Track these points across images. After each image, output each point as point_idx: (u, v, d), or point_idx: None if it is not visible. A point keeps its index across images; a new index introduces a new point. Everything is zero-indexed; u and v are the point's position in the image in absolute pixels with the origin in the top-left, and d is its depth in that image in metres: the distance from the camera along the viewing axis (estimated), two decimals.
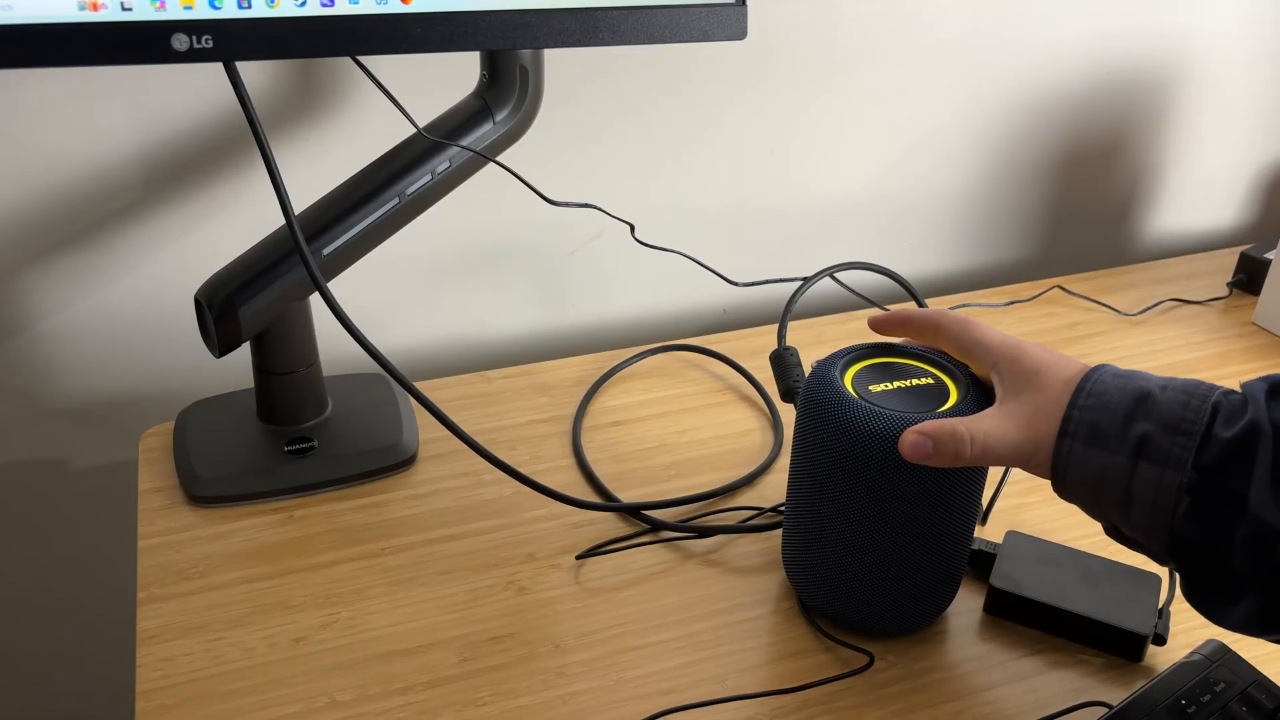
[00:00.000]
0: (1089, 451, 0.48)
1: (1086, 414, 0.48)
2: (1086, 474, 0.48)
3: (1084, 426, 0.48)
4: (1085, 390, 0.49)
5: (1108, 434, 0.47)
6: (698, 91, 0.88)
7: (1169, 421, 0.46)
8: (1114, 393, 0.48)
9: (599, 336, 0.96)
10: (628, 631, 0.61)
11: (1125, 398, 0.48)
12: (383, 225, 0.69)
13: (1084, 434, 0.48)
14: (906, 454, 0.52)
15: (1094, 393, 0.48)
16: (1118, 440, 0.47)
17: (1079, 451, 0.48)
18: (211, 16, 0.54)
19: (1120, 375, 0.49)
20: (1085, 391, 0.49)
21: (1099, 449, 0.47)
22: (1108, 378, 0.49)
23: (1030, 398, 0.50)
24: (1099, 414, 0.48)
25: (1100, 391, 0.48)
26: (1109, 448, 0.47)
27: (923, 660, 0.59)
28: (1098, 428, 0.48)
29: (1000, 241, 1.06)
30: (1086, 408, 0.48)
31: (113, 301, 0.81)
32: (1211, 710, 0.53)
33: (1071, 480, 0.49)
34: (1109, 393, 0.48)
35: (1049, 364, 0.51)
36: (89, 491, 0.88)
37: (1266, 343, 0.91)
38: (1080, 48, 0.98)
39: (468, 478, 0.73)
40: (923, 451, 0.51)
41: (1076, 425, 0.48)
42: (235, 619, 0.61)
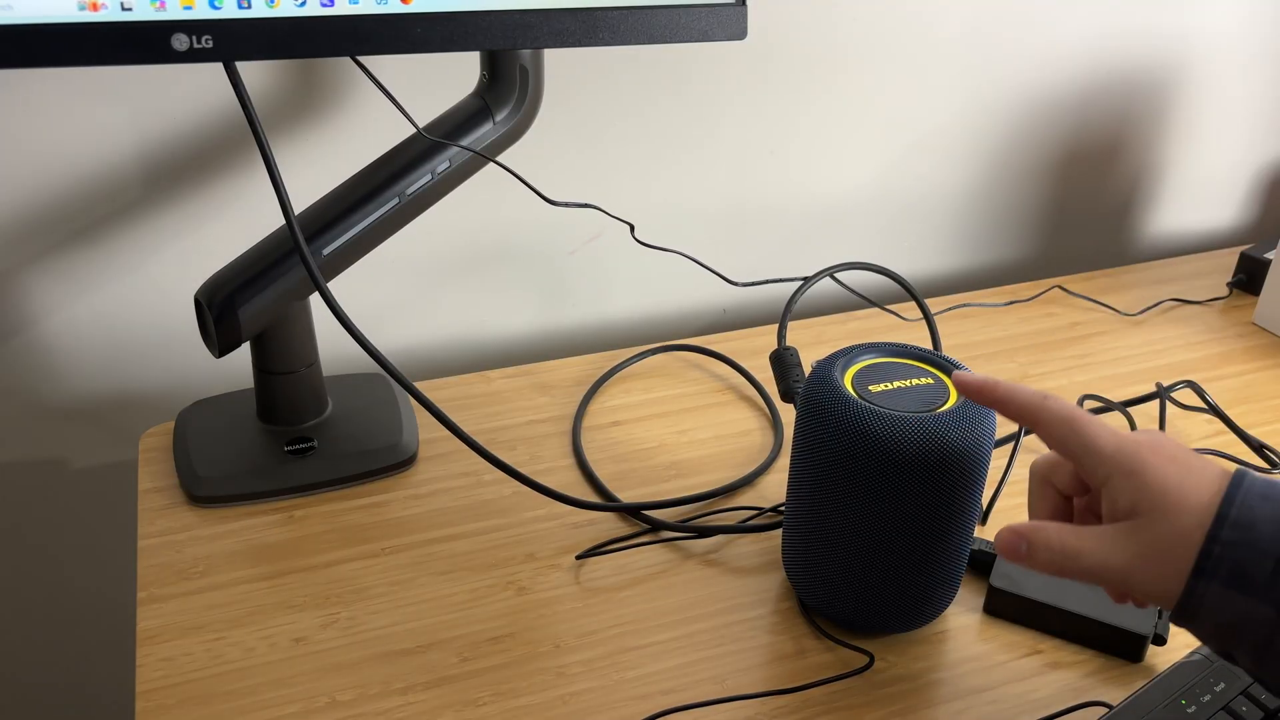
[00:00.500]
0: (1229, 595, 0.42)
1: (1229, 551, 0.41)
2: (1221, 617, 0.42)
3: (1225, 565, 0.42)
4: (1229, 520, 0.42)
5: (1254, 578, 0.41)
6: (698, 91, 0.88)
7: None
8: (1263, 525, 0.41)
9: (599, 336, 0.96)
10: (628, 631, 0.61)
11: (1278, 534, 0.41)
12: (383, 225, 0.69)
13: (1224, 574, 0.42)
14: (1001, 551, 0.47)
15: (1239, 524, 0.42)
16: (1266, 588, 0.41)
17: (1215, 593, 0.42)
18: (211, 16, 0.54)
19: (1268, 498, 0.42)
20: (1229, 521, 0.42)
21: (1241, 594, 0.41)
22: (1255, 501, 0.42)
23: (1151, 526, 0.43)
24: (1244, 552, 0.41)
25: (1246, 523, 0.42)
26: (1255, 594, 0.41)
27: (923, 660, 0.59)
28: (1242, 569, 0.41)
29: (1000, 241, 1.06)
30: (1229, 543, 0.42)
31: (113, 301, 0.81)
32: (1211, 710, 0.53)
33: (1202, 620, 0.43)
34: (1257, 525, 0.42)
35: (1176, 484, 0.43)
36: (89, 491, 0.88)
37: (1266, 343, 0.91)
38: (1080, 48, 0.98)
39: (468, 478, 0.73)
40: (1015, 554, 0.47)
41: (1216, 563, 0.42)
42: (235, 619, 0.61)
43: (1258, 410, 0.81)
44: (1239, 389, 0.84)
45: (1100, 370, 0.87)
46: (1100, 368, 0.87)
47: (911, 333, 0.91)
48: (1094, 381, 0.85)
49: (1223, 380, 0.85)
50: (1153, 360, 0.88)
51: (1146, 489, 0.44)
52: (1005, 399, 0.49)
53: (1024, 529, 0.47)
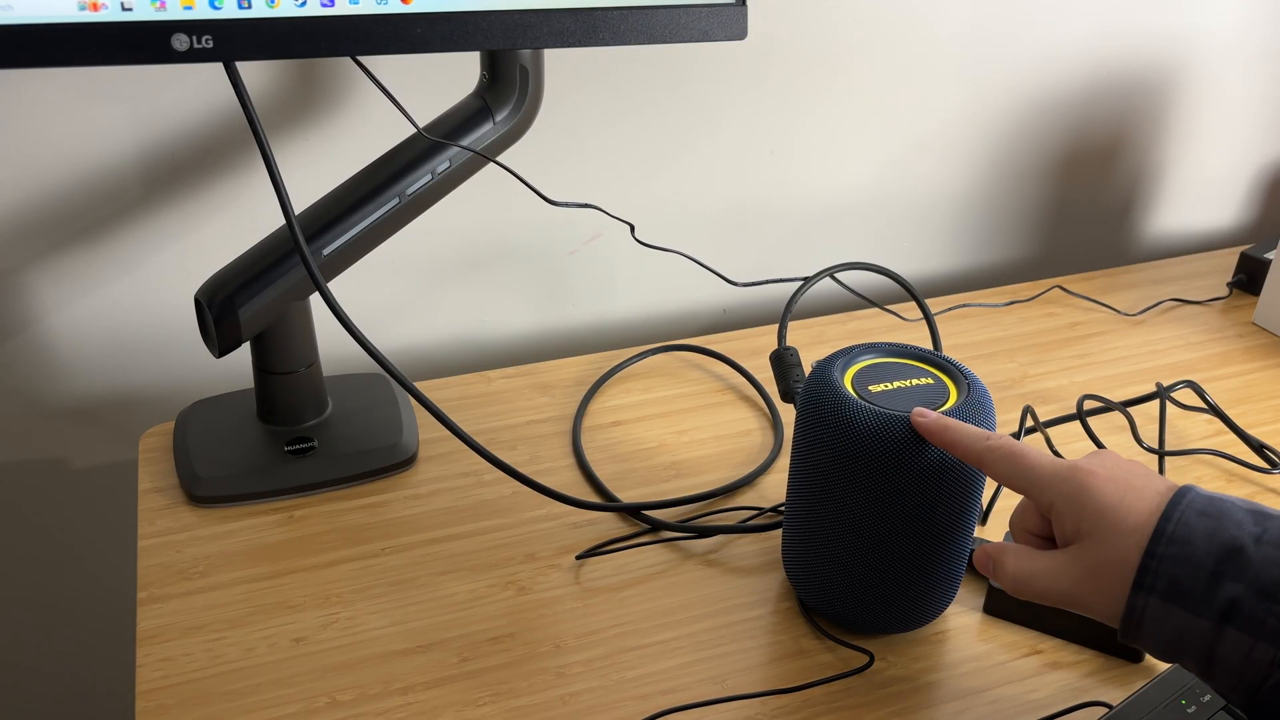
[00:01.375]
0: (1167, 608, 0.42)
1: (1167, 565, 0.42)
2: (1163, 631, 0.43)
3: (1162, 580, 0.42)
4: (1166, 535, 0.43)
5: (1191, 592, 0.42)
6: (698, 91, 0.88)
7: (1265, 586, 0.41)
8: (1200, 541, 0.42)
9: (599, 336, 0.96)
10: (628, 631, 0.61)
11: (1213, 549, 0.42)
12: (383, 225, 0.69)
13: (1162, 588, 0.42)
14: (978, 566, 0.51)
15: (1176, 538, 0.43)
16: (1202, 601, 0.42)
17: (1155, 607, 0.43)
18: (211, 16, 0.54)
19: (1207, 515, 0.43)
20: (1166, 537, 0.43)
21: (1179, 607, 0.42)
22: (1192, 518, 0.43)
23: (1092, 549, 0.45)
24: (1180, 568, 0.42)
25: (1184, 538, 0.42)
26: (1191, 608, 0.42)
27: (923, 660, 0.59)
28: (1178, 584, 0.42)
29: (1000, 241, 1.06)
30: (1167, 558, 0.42)
31: (113, 301, 0.81)
32: (1211, 710, 0.53)
33: (1145, 635, 0.44)
34: (1194, 540, 0.42)
35: (1113, 505, 0.44)
36: (89, 491, 0.88)
37: (1266, 343, 0.91)
38: (1080, 48, 0.98)
39: (468, 478, 0.73)
40: (987, 570, 0.50)
41: (1154, 578, 0.43)
42: (235, 619, 0.61)
43: (1258, 410, 0.81)
44: (1239, 389, 0.84)
45: (1100, 370, 0.87)
46: (1100, 368, 0.87)
47: (911, 333, 0.91)
48: (1094, 381, 0.85)
49: (1223, 380, 0.85)
50: (1153, 360, 0.88)
51: (1086, 511, 0.45)
52: (952, 442, 0.51)
53: (991, 550, 0.49)
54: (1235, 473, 0.74)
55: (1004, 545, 0.49)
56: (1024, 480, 0.48)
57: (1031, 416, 0.76)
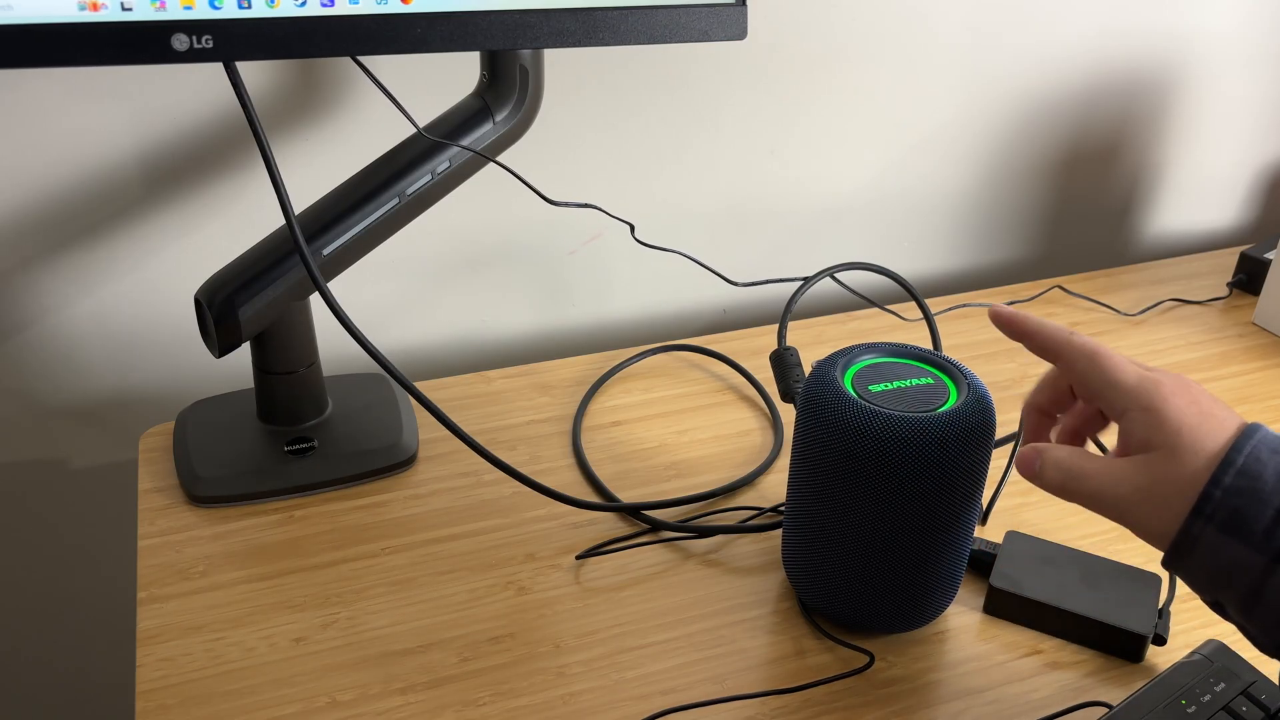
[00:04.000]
0: (1223, 540, 0.41)
1: (1231, 497, 0.41)
2: (1214, 561, 0.42)
3: (1224, 510, 0.41)
4: (1235, 467, 0.42)
5: (1253, 527, 0.41)
6: (698, 92, 0.88)
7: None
8: (1271, 478, 0.41)
9: (599, 336, 0.96)
10: (628, 631, 0.61)
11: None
12: (383, 225, 0.69)
13: (1222, 518, 0.41)
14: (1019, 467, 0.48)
15: (1245, 472, 0.41)
16: (1263, 537, 0.41)
17: (1211, 537, 0.42)
18: (211, 16, 0.54)
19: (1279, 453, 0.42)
20: (1235, 468, 0.42)
21: (1237, 540, 0.41)
22: (1264, 454, 0.42)
23: (1161, 463, 0.43)
24: (1246, 500, 0.41)
25: (1254, 472, 0.41)
26: (1250, 542, 0.41)
27: (923, 660, 0.59)
28: (1241, 516, 0.41)
29: (1000, 241, 1.06)
30: (1232, 489, 0.41)
31: (113, 301, 0.81)
32: (1211, 710, 0.53)
33: (1194, 564, 0.43)
34: (1264, 476, 0.41)
35: (1192, 425, 0.43)
36: (89, 491, 0.88)
37: (1266, 343, 0.91)
38: (1080, 48, 0.98)
39: (468, 478, 0.73)
40: (1030, 469, 0.47)
41: (1216, 507, 0.41)
42: (235, 619, 0.61)
43: (1258, 410, 0.81)
44: (1239, 389, 0.84)
45: None
46: None
47: (911, 333, 0.91)
48: None
49: (1223, 380, 0.85)
50: (1153, 360, 0.88)
51: (1162, 427, 0.44)
52: (1034, 332, 0.50)
53: (1040, 446, 0.47)
54: None
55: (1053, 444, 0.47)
56: (1103, 381, 0.46)
57: None
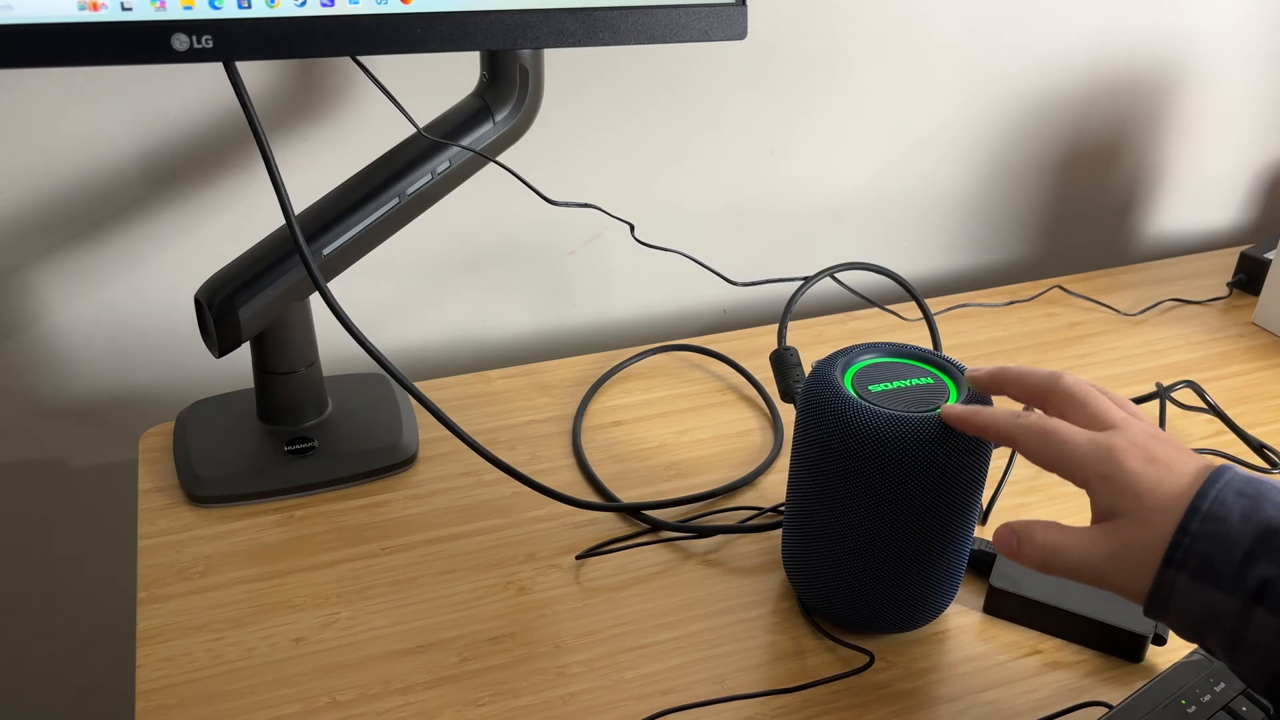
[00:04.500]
0: (1197, 586, 0.42)
1: (1199, 543, 0.42)
2: (1191, 609, 0.42)
3: (1194, 557, 0.42)
4: (1201, 513, 0.42)
5: (1221, 572, 0.41)
6: (698, 91, 0.88)
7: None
8: (1235, 521, 0.42)
9: (599, 336, 0.96)
10: (628, 631, 0.61)
11: (1249, 530, 0.41)
12: (383, 225, 0.69)
13: (1193, 565, 0.42)
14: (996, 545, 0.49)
15: (1211, 516, 0.42)
16: (1233, 580, 0.41)
17: (1184, 584, 0.42)
18: (211, 16, 0.54)
19: (1245, 495, 0.43)
20: (1201, 514, 0.42)
21: (1209, 585, 0.42)
22: (1229, 497, 0.43)
23: (1127, 527, 0.44)
24: (1214, 546, 0.42)
25: (1220, 516, 0.42)
26: (1221, 586, 0.41)
27: (923, 660, 0.59)
28: (1210, 563, 0.42)
29: (1000, 241, 1.06)
30: (1200, 535, 0.42)
31: (113, 301, 0.81)
32: (1211, 710, 0.53)
33: (1172, 612, 0.43)
34: (1229, 520, 0.42)
35: (1150, 487, 0.44)
36: (89, 491, 0.88)
37: (1266, 343, 0.91)
38: (1080, 48, 0.98)
39: (468, 478, 0.73)
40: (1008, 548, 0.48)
41: (1185, 555, 0.42)
42: (235, 619, 0.61)
43: (1258, 410, 0.81)
44: (1239, 389, 0.84)
45: (1100, 370, 0.87)
46: (1100, 368, 0.87)
47: (911, 333, 0.91)
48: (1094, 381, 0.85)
49: (1223, 380, 0.85)
50: (1153, 360, 0.88)
51: (1122, 492, 0.45)
52: (985, 424, 0.51)
53: (1016, 525, 0.48)
54: None
55: (1029, 520, 0.48)
56: (1058, 457, 0.47)
57: None
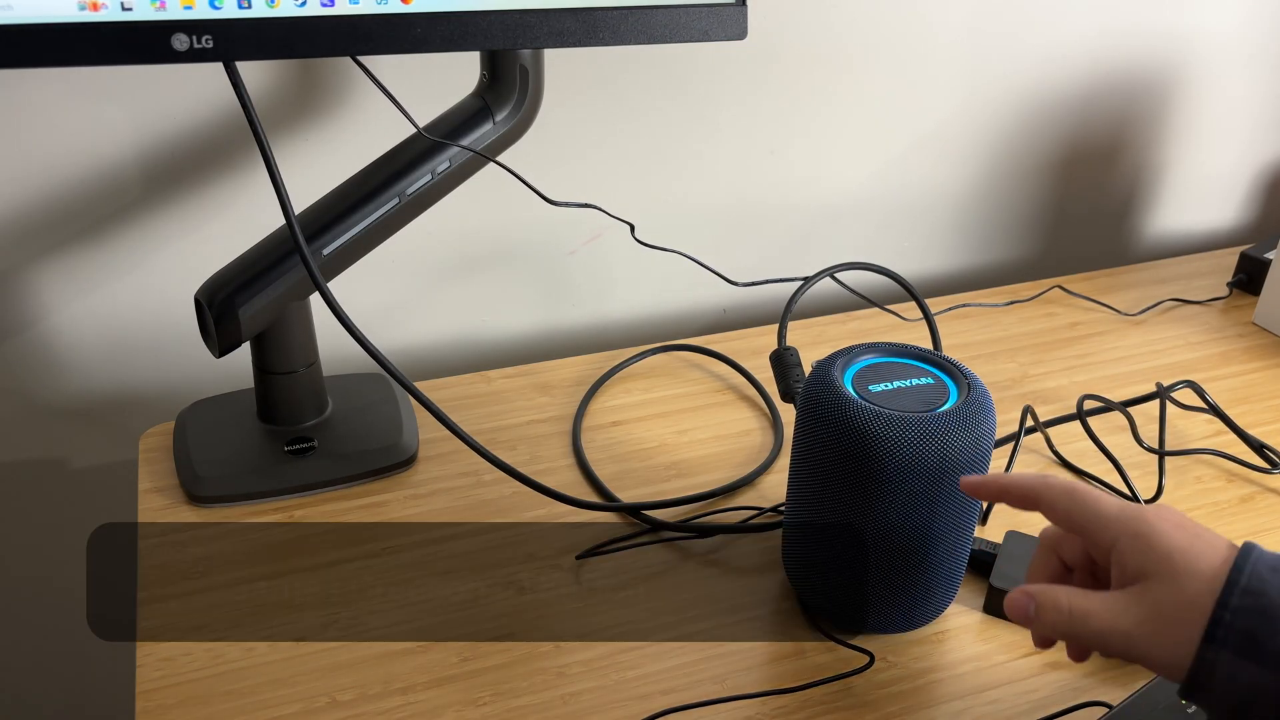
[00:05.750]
0: (1241, 664, 0.40)
1: (1241, 618, 0.40)
2: (1234, 688, 0.41)
3: (1236, 634, 0.40)
4: (1240, 587, 0.41)
5: (1266, 646, 0.40)
6: (698, 92, 0.88)
7: None
8: (1274, 594, 0.41)
9: (599, 336, 0.96)
10: (628, 631, 0.61)
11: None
12: (383, 225, 0.69)
13: (1235, 642, 0.40)
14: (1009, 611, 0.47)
15: (1250, 590, 0.41)
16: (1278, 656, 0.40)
17: (1227, 662, 0.40)
18: (211, 16, 0.54)
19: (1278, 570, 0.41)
20: (1240, 588, 0.41)
21: (1254, 663, 0.40)
22: (1264, 571, 0.41)
23: (1158, 589, 0.43)
24: (1257, 620, 0.40)
25: (1258, 590, 0.41)
26: (1267, 662, 0.40)
27: (923, 660, 0.59)
28: (1254, 638, 0.40)
29: (1000, 241, 1.06)
30: (1241, 610, 0.41)
31: (113, 301, 0.81)
32: None
33: (1213, 691, 0.41)
34: (1269, 594, 0.41)
35: (1183, 548, 0.43)
36: (89, 491, 0.88)
37: (1266, 343, 0.91)
38: (1080, 48, 0.98)
39: (468, 478, 0.73)
40: (1023, 614, 0.46)
41: (1227, 631, 0.40)
42: (235, 619, 0.61)
43: (1258, 410, 0.81)
44: (1239, 389, 0.84)
45: (1100, 370, 0.87)
46: (1100, 368, 0.87)
47: (911, 333, 0.91)
48: (1094, 381, 0.85)
49: (1223, 380, 0.85)
50: (1153, 360, 0.88)
51: (1153, 551, 0.43)
52: (1009, 487, 0.49)
53: (1034, 590, 0.46)
54: (1235, 473, 0.74)
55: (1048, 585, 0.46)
56: (1086, 515, 0.46)
57: (1031, 416, 0.76)
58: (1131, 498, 0.71)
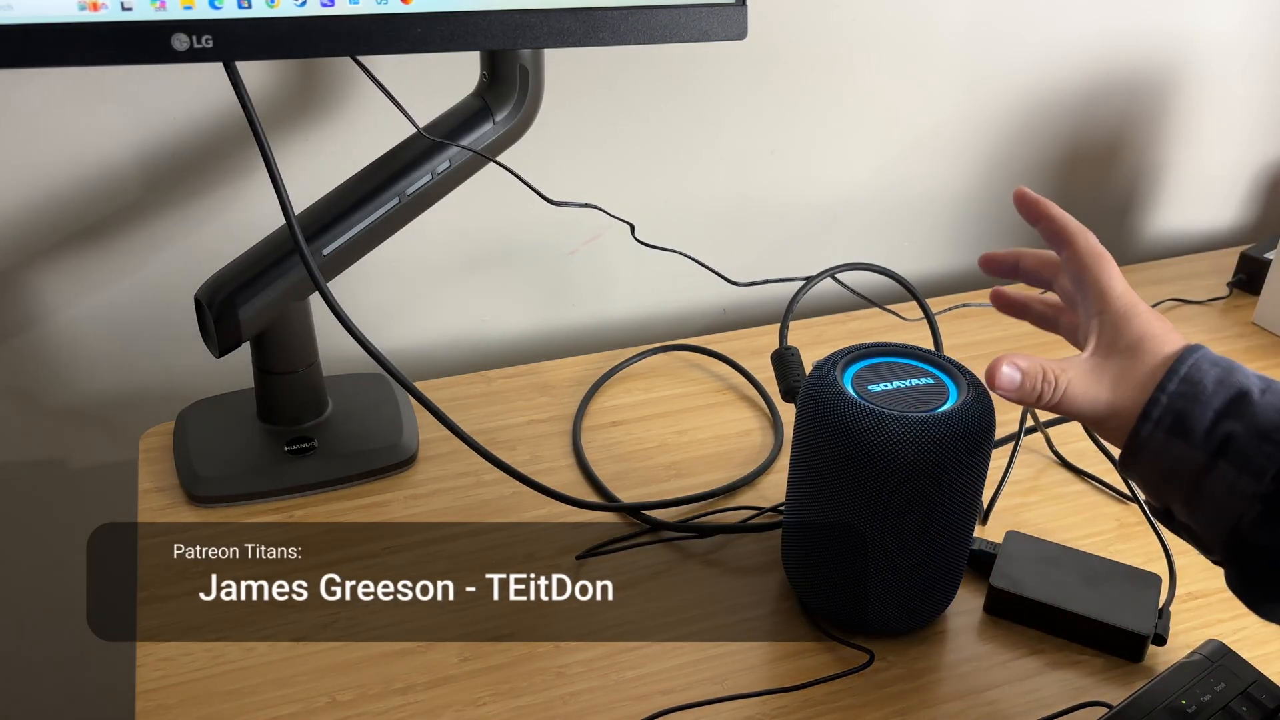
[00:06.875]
0: (1169, 440, 0.46)
1: (1175, 401, 0.46)
2: (1161, 460, 0.46)
3: (1169, 415, 0.46)
4: (1179, 375, 0.46)
5: (1193, 428, 0.45)
6: (698, 91, 0.88)
7: (1261, 428, 0.44)
8: (1209, 384, 0.46)
9: (599, 336, 0.96)
10: (628, 631, 0.61)
11: (1221, 392, 0.45)
12: (383, 225, 0.69)
13: (1168, 423, 0.46)
14: (994, 382, 0.49)
15: (1188, 379, 0.46)
16: (1203, 436, 0.45)
17: (1159, 439, 0.46)
18: (211, 16, 0.54)
19: (1219, 365, 0.47)
20: (1179, 376, 0.46)
21: (1180, 440, 0.45)
22: (1204, 364, 0.47)
23: (1125, 361, 0.48)
24: (1188, 404, 0.46)
25: (1194, 379, 0.46)
26: (1191, 441, 0.45)
27: (923, 660, 0.59)
28: (1183, 419, 0.45)
29: (1000, 241, 1.06)
30: (1176, 394, 0.46)
31: (113, 301, 0.81)
32: (1211, 710, 0.53)
33: (1143, 463, 0.47)
34: (1203, 382, 0.46)
35: (1154, 334, 0.49)
36: (89, 491, 0.88)
37: (1266, 343, 0.91)
38: (1080, 47, 0.98)
39: (468, 478, 0.73)
40: (1010, 383, 0.49)
41: (1162, 412, 0.46)
42: (235, 619, 0.61)
43: None
44: None
45: None
46: None
47: (911, 333, 0.91)
48: None
49: None
50: None
51: (1131, 329, 0.49)
52: (1054, 216, 0.54)
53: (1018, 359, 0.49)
54: None
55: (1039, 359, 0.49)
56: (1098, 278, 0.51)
57: (1032, 416, 0.76)
58: (1132, 498, 0.71)
